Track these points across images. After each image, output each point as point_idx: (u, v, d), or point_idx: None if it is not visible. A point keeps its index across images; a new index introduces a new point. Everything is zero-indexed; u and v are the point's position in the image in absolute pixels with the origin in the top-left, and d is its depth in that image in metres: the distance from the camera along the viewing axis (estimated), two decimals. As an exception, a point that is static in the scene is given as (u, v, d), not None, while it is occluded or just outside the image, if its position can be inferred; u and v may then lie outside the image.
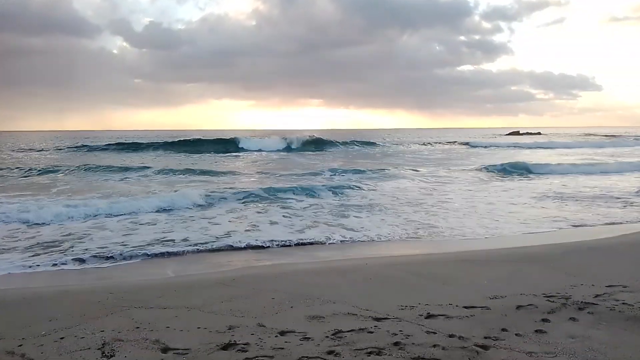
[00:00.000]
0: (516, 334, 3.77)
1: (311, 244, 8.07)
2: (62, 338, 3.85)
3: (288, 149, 37.47)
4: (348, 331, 3.89)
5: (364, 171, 19.65)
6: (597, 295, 4.70)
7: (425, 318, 4.19)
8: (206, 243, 7.92)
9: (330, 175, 18.58)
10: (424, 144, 48.44)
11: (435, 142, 50.54)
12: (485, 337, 3.71)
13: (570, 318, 4.09)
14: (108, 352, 3.55)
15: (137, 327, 4.06)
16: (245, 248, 7.73)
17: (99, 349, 3.63)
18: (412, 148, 43.12)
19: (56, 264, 6.71)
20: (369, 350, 3.49)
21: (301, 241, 8.18)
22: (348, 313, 4.37)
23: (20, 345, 3.71)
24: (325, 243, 8.09)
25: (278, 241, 8.08)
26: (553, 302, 4.54)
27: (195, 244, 7.84)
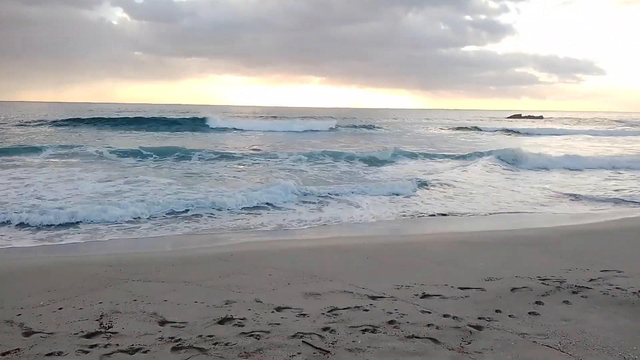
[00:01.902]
0: (510, 316, 3.81)
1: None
2: (60, 309, 3.89)
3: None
4: (344, 309, 3.93)
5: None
6: (591, 280, 4.74)
7: (421, 298, 4.23)
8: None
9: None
10: (441, 129, 43.89)
11: (444, 126, 46.61)
12: (479, 318, 3.75)
13: (563, 301, 4.13)
14: (106, 324, 3.59)
15: (135, 300, 4.10)
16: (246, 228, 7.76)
17: (97, 320, 3.67)
18: (428, 132, 39.32)
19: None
20: (364, 327, 3.53)
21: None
22: (344, 291, 4.41)
23: (19, 315, 3.75)
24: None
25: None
26: (547, 285, 4.58)
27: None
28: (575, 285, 4.54)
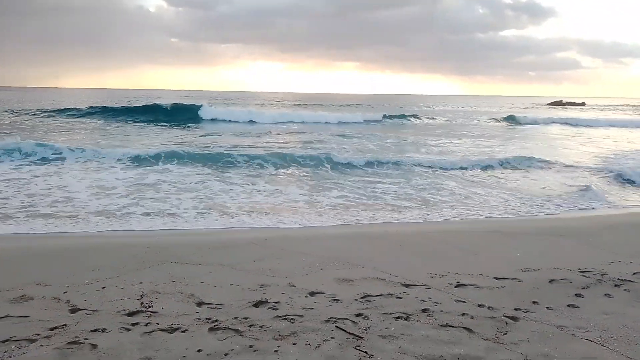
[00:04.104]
0: (547, 308, 3.73)
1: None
2: (103, 287, 4.06)
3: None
4: (377, 295, 3.94)
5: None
6: (635, 273, 4.57)
7: (455, 287, 4.19)
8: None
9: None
10: (495, 119, 36.81)
11: (493, 117, 38.63)
12: (516, 309, 3.68)
13: (605, 294, 4.00)
14: (146, 303, 3.73)
15: (173, 281, 4.23)
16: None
17: (138, 299, 3.81)
18: (486, 124, 33.30)
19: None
20: (397, 315, 3.53)
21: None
22: (377, 278, 4.41)
23: (65, 292, 3.94)
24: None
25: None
26: (588, 277, 4.45)
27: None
28: (618, 279, 4.39)
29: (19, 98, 54.97)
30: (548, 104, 79.67)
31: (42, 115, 28.63)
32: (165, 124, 25.70)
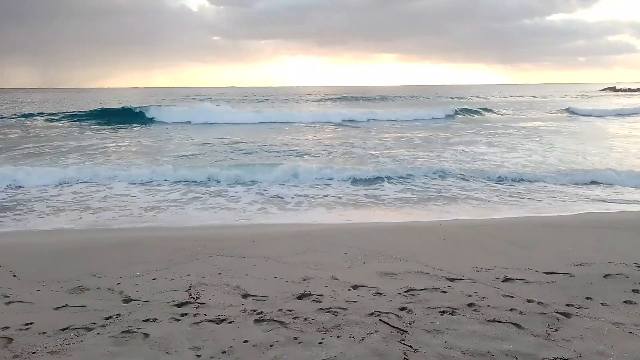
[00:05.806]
0: (602, 304, 3.57)
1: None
2: (154, 279, 4.22)
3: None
4: (421, 289, 3.89)
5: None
6: (699, 268, 4.29)
7: (502, 281, 4.08)
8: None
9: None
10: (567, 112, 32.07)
11: (551, 109, 34.63)
12: (568, 305, 3.55)
13: (665, 290, 3.79)
14: (194, 294, 3.84)
15: (219, 274, 4.34)
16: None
17: (186, 291, 3.93)
18: (550, 116, 29.82)
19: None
20: (442, 309, 3.48)
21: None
22: (421, 272, 4.36)
23: (118, 284, 4.12)
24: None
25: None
26: (646, 272, 4.23)
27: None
28: (680, 274, 4.14)
29: (72, 100, 57.01)
30: (600, 90, 75.82)
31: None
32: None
